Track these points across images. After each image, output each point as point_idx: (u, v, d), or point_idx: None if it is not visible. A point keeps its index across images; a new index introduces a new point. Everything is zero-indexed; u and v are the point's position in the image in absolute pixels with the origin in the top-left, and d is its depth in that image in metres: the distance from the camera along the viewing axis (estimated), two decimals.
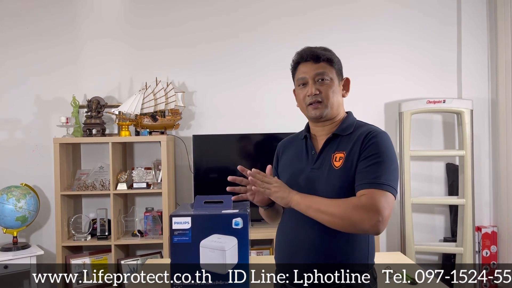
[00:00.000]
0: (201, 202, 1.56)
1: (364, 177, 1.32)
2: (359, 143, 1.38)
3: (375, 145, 1.35)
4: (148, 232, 3.14)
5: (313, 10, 3.39)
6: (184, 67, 3.37)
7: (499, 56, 3.23)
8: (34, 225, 3.26)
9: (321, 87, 1.44)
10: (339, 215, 1.28)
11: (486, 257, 3.25)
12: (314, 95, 1.43)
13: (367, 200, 1.27)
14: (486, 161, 3.37)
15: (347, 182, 1.36)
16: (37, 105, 3.36)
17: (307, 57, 1.46)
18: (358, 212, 1.26)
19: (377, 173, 1.31)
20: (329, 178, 1.38)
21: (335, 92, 1.45)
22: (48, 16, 3.36)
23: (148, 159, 3.34)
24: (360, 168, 1.34)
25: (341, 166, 1.38)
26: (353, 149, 1.38)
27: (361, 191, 1.31)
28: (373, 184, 1.29)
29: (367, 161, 1.34)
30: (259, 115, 3.36)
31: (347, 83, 1.52)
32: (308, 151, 1.50)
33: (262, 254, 3.10)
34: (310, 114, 1.46)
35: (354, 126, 1.46)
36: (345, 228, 1.30)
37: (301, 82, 1.48)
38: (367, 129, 1.42)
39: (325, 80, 1.44)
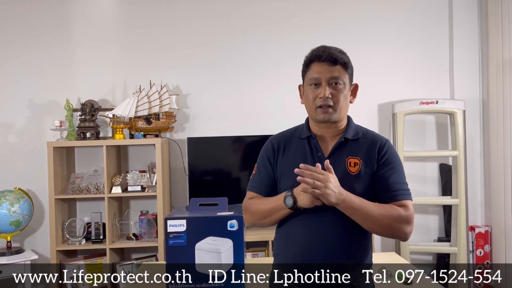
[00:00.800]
0: (196, 204, 1.57)
1: (395, 188, 1.42)
2: (374, 152, 1.44)
3: (391, 156, 1.45)
4: (143, 235, 3.13)
5: (306, 13, 3.40)
6: (178, 69, 3.37)
7: (490, 57, 3.26)
8: (28, 229, 3.24)
9: (334, 91, 1.42)
10: (384, 223, 1.37)
11: (480, 256, 3.27)
12: (326, 98, 1.41)
13: (407, 212, 1.40)
14: (478, 161, 3.40)
15: (363, 187, 1.41)
16: (30, 109, 3.34)
17: (324, 57, 1.42)
18: (401, 223, 1.39)
19: (403, 184, 1.44)
20: (345, 182, 1.37)
21: (346, 98, 1.45)
22: (42, 19, 3.35)
23: (142, 162, 3.33)
24: (384, 179, 1.42)
25: (357, 172, 1.42)
26: (367, 156, 1.44)
27: (400, 201, 1.41)
28: (405, 196, 1.43)
29: (392, 173, 1.43)
30: (253, 117, 3.36)
31: (355, 89, 1.51)
32: (313, 152, 1.47)
33: (258, 256, 3.10)
34: (319, 117, 1.44)
35: (359, 131, 1.50)
36: (383, 233, 1.44)
37: (313, 82, 1.44)
38: (375, 137, 1.49)
39: (338, 85, 1.42)
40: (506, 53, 3.09)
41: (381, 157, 1.44)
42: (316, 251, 1.39)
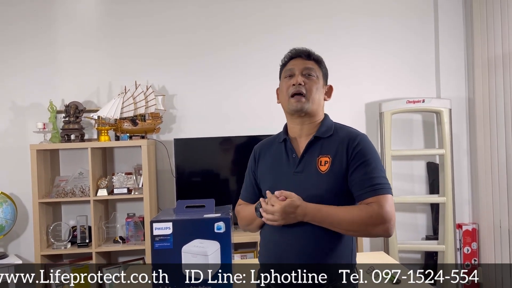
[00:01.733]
0: (182, 206, 1.54)
1: (364, 184, 1.38)
2: (344, 148, 1.42)
3: (363, 151, 1.41)
4: (130, 238, 3.09)
5: (292, 13, 3.39)
6: (163, 70, 3.34)
7: (475, 56, 3.29)
8: (12, 234, 3.18)
9: (306, 80, 1.47)
10: (354, 227, 1.35)
11: (468, 254, 3.30)
12: (299, 85, 1.45)
13: (377, 209, 1.34)
14: (464, 159, 3.42)
15: (335, 186, 1.40)
16: (13, 111, 3.27)
17: (299, 53, 1.51)
18: (372, 221, 1.33)
19: (375, 179, 1.38)
20: (316, 182, 1.40)
21: (318, 90, 1.48)
22: (24, 19, 3.28)
23: (128, 164, 3.29)
24: (356, 176, 1.39)
25: (327, 171, 1.41)
26: (338, 154, 1.42)
27: (369, 199, 1.37)
28: (377, 191, 1.37)
29: (361, 168, 1.39)
30: (240, 118, 3.34)
31: (330, 90, 1.56)
32: (288, 154, 1.50)
33: (247, 257, 3.08)
34: (292, 106, 1.47)
35: (333, 128, 1.49)
36: (359, 235, 1.39)
37: (288, 74, 1.50)
38: (348, 133, 1.47)
39: (312, 76, 1.48)
40: (491, 51, 3.12)
41: (351, 153, 1.41)
42: (290, 251, 1.41)
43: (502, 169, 3.03)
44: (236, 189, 3.25)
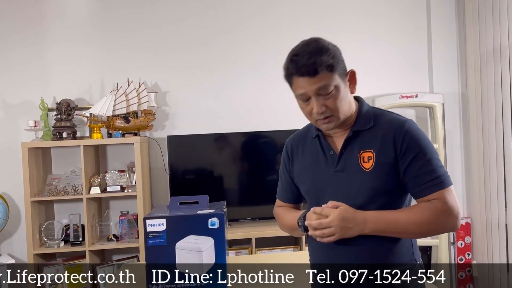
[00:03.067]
0: (176, 203, 1.53)
1: (423, 180, 1.24)
2: (390, 142, 1.26)
3: (414, 141, 1.25)
4: (123, 236, 3.07)
5: (285, 10, 3.38)
6: (156, 67, 3.31)
7: (468, 50, 3.29)
8: (4, 233, 3.14)
9: (327, 102, 1.26)
10: (421, 231, 1.26)
11: (461, 248, 3.31)
12: (321, 113, 1.27)
13: (442, 205, 1.23)
14: (458, 154, 3.44)
15: (381, 183, 1.26)
16: (3, 109, 3.24)
17: (302, 71, 1.25)
18: (439, 219, 1.24)
19: (433, 172, 1.24)
20: (361, 181, 1.27)
21: (343, 99, 1.28)
22: (14, 15, 3.24)
23: (121, 161, 3.26)
24: (411, 171, 1.25)
25: (372, 168, 1.26)
26: (383, 147, 1.27)
27: (430, 195, 1.24)
28: (438, 185, 1.24)
29: (416, 162, 1.24)
30: (233, 114, 3.33)
31: (352, 77, 1.34)
32: (325, 151, 1.35)
33: (241, 253, 3.08)
34: (322, 128, 1.32)
35: (372, 117, 1.32)
36: (427, 236, 1.33)
37: (302, 99, 1.29)
38: (391, 121, 1.30)
39: (330, 93, 1.25)
40: (484, 46, 3.13)
41: (399, 146, 1.25)
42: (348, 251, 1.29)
43: (494, 164, 3.04)
44: (231, 186, 3.25)
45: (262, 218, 3.15)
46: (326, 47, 1.29)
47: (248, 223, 3.17)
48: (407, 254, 1.31)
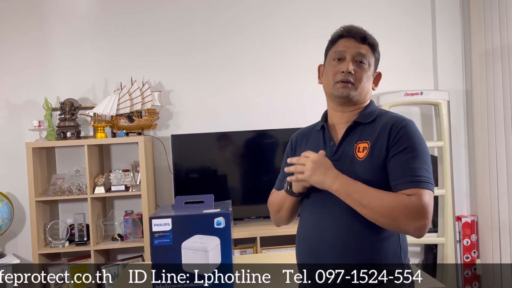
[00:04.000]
0: (181, 202, 1.53)
1: (405, 174, 1.22)
2: (386, 133, 1.28)
3: (406, 137, 1.26)
4: (128, 235, 3.07)
5: (290, 9, 3.36)
6: (159, 66, 3.31)
7: (473, 47, 3.27)
8: (9, 233, 3.15)
9: (357, 68, 1.32)
10: (383, 213, 1.19)
11: (467, 246, 3.29)
12: (348, 73, 1.31)
13: (417, 201, 1.19)
14: (463, 152, 3.42)
15: (372, 174, 1.26)
16: (7, 109, 3.24)
17: (353, 33, 1.35)
18: (407, 213, 1.18)
19: (417, 170, 1.22)
20: (353, 170, 1.27)
21: (369, 79, 1.36)
22: (18, 15, 3.24)
23: (125, 161, 3.26)
24: (396, 163, 1.24)
25: (365, 157, 1.27)
26: (379, 139, 1.28)
27: (408, 190, 1.21)
28: (418, 183, 1.21)
29: (402, 156, 1.24)
30: (238, 113, 3.32)
31: (378, 77, 1.43)
32: (326, 142, 1.38)
33: (246, 253, 3.07)
34: (337, 92, 1.33)
35: (376, 113, 1.36)
36: (386, 226, 1.22)
37: (337, 56, 1.35)
38: (392, 118, 1.32)
39: (363, 64, 1.34)
40: (489, 43, 3.11)
41: (393, 138, 1.26)
42: (330, 250, 1.28)
43: (500, 161, 3.02)
44: (235, 184, 3.24)
45: (267, 217, 3.11)
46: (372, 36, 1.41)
47: (253, 222, 3.17)
48: (394, 254, 1.29)
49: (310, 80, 3.19)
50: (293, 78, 3.33)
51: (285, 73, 3.34)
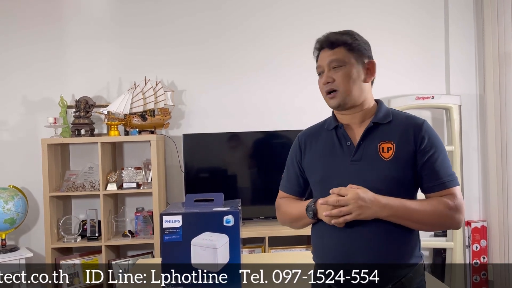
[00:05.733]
0: (191, 200, 1.56)
1: (439, 176, 1.32)
2: (410, 136, 1.32)
3: (431, 140, 1.33)
4: (139, 232, 3.12)
5: (302, 9, 3.38)
6: (173, 65, 3.35)
7: (486, 52, 3.25)
8: (23, 227, 3.22)
9: (335, 75, 1.35)
10: (432, 222, 1.31)
11: (476, 251, 3.28)
12: (327, 83, 1.36)
13: (455, 201, 1.30)
14: (474, 156, 3.40)
15: (399, 173, 1.31)
16: (24, 106, 3.31)
17: (323, 44, 1.40)
18: (450, 214, 1.29)
19: (447, 170, 1.33)
20: (378, 169, 1.30)
21: (353, 78, 1.35)
22: (35, 14, 3.31)
23: (138, 159, 3.31)
24: (428, 167, 1.31)
25: (391, 157, 1.31)
26: (402, 140, 1.32)
27: (444, 191, 1.32)
28: (451, 182, 1.32)
29: (431, 159, 1.31)
30: (249, 113, 3.35)
31: (370, 65, 1.41)
32: (341, 142, 1.38)
33: (254, 252, 3.10)
34: (330, 104, 1.39)
35: (390, 114, 1.39)
36: (434, 229, 1.37)
37: (319, 71, 1.41)
38: (409, 119, 1.37)
39: (341, 67, 1.35)
40: (502, 47, 3.09)
41: (419, 141, 1.32)
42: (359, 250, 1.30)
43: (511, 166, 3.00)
44: (244, 184, 3.27)
45: (276, 217, 3.15)
46: (350, 32, 1.43)
47: (262, 222, 3.19)
48: (414, 254, 1.35)
49: None
50: (305, 79, 3.34)
51: (296, 74, 3.35)
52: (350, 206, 1.24)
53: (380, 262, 1.29)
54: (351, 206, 1.24)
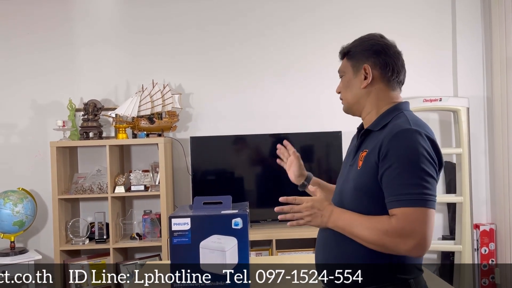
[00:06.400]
0: (200, 203, 1.56)
1: (390, 192, 1.18)
2: (378, 144, 1.22)
3: (392, 151, 1.18)
4: (146, 235, 3.13)
5: (307, 13, 3.39)
6: (180, 69, 3.37)
7: (494, 54, 3.24)
8: (32, 229, 3.24)
9: (340, 85, 1.43)
10: (372, 241, 1.19)
11: (485, 254, 3.26)
12: (339, 92, 1.43)
13: (397, 223, 1.15)
14: (482, 159, 3.38)
15: (362, 182, 1.25)
16: (33, 109, 3.34)
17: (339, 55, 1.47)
18: (390, 238, 1.16)
19: (401, 187, 1.15)
20: (351, 177, 1.30)
21: (348, 87, 1.38)
22: (44, 19, 3.35)
23: (145, 161, 3.33)
24: (384, 179, 1.19)
25: (361, 166, 1.27)
26: (373, 149, 1.24)
27: (392, 210, 1.17)
28: (402, 202, 1.15)
29: (388, 173, 1.18)
30: (256, 116, 3.36)
31: (365, 71, 1.34)
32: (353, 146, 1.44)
33: (262, 255, 3.10)
34: None
35: (388, 121, 1.28)
36: (381, 251, 1.20)
37: None
38: (393, 127, 1.24)
39: (342, 78, 1.42)
40: (510, 50, 3.08)
41: (382, 151, 1.20)
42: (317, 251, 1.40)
43: None
44: (252, 187, 3.27)
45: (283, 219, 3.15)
46: (360, 38, 1.44)
47: (269, 225, 3.19)
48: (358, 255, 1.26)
49: (327, 85, 3.22)
50: (311, 83, 3.35)
51: (303, 78, 3.36)
52: (301, 214, 1.30)
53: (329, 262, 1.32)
54: (302, 214, 1.30)
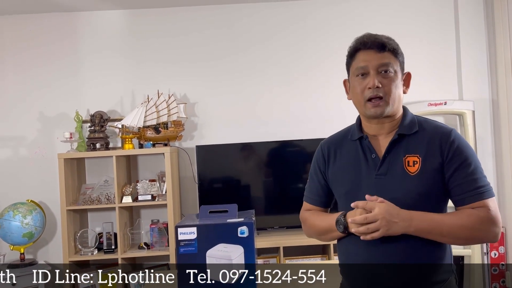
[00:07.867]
0: (206, 212, 1.57)
1: (467, 188, 1.24)
2: (437, 148, 1.26)
3: (460, 149, 1.26)
4: (154, 244, 3.14)
5: (311, 19, 3.41)
6: (185, 78, 3.40)
7: (498, 56, 3.23)
8: (41, 241, 3.27)
9: (384, 80, 1.27)
10: (463, 236, 1.23)
11: (495, 258, 3.23)
12: (376, 87, 1.27)
13: (487, 213, 1.22)
14: (489, 162, 3.36)
15: (426, 188, 1.25)
16: (40, 121, 3.38)
17: (370, 44, 1.29)
18: (483, 227, 1.22)
19: (477, 181, 1.25)
20: (404, 185, 1.25)
21: (397, 87, 1.30)
22: (50, 31, 3.39)
23: (152, 171, 3.35)
24: (458, 179, 1.25)
25: (417, 172, 1.25)
26: (429, 153, 1.26)
27: (474, 203, 1.24)
28: (483, 194, 1.24)
29: (461, 171, 1.25)
30: (261, 124, 3.37)
31: (408, 78, 1.37)
32: (366, 154, 1.33)
33: (269, 262, 3.09)
34: (369, 112, 1.29)
35: (417, 123, 1.32)
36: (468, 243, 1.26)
37: (360, 72, 1.30)
38: (436, 128, 1.30)
39: (389, 73, 1.28)
40: None
41: (447, 152, 1.25)
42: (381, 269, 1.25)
43: None
44: (258, 194, 3.28)
45: (290, 227, 3.16)
46: (392, 38, 1.35)
47: (276, 232, 3.19)
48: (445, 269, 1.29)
49: (333, 91, 3.23)
50: (317, 89, 3.36)
51: (308, 84, 3.37)
52: (377, 223, 1.19)
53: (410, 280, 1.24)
54: (378, 223, 1.19)
